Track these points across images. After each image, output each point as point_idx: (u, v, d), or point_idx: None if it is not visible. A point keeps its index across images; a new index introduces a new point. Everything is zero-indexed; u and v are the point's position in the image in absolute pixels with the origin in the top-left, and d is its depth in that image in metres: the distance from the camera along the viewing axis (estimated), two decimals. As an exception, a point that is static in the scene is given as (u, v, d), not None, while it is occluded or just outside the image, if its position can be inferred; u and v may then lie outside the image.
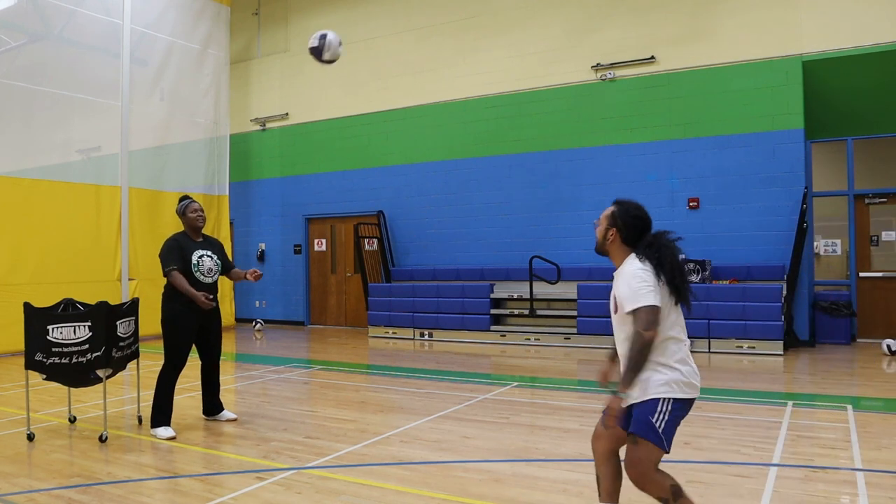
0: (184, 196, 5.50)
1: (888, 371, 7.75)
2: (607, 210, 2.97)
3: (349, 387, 7.23)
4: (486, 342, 10.64)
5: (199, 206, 5.36)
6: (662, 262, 2.77)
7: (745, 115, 9.92)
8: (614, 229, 2.90)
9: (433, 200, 12.36)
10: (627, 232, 2.88)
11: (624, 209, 2.91)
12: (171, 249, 5.14)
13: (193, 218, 5.29)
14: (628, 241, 2.89)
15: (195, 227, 5.31)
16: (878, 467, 4.04)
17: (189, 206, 5.31)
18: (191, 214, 5.29)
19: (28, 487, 3.91)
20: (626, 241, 2.89)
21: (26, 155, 10.37)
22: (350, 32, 13.32)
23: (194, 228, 5.31)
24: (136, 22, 11.61)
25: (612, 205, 2.98)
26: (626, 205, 2.93)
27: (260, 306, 14.44)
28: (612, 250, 2.94)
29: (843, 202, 10.23)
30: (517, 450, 4.60)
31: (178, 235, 5.29)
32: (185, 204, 5.34)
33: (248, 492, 3.80)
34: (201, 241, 5.35)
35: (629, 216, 2.89)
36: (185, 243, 5.23)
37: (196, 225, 5.30)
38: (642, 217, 2.91)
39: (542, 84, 11.32)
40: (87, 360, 4.78)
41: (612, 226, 2.91)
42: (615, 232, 2.90)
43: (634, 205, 2.94)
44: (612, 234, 2.91)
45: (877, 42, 9.18)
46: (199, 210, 5.33)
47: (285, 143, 14.21)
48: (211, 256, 5.30)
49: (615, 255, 2.94)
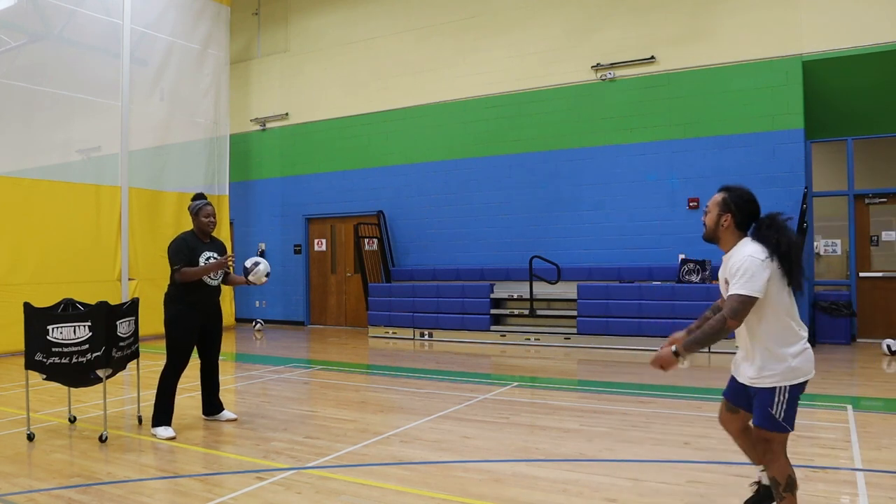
0: (199, 195, 5.44)
1: (888, 371, 7.75)
2: (717, 197, 3.01)
3: (349, 387, 7.23)
4: (486, 342, 10.64)
5: (212, 210, 5.31)
6: (780, 244, 2.81)
7: (745, 115, 9.91)
8: (729, 215, 2.94)
9: (433, 200, 12.35)
10: (742, 216, 2.93)
11: (737, 194, 2.95)
12: (180, 249, 5.14)
13: (205, 223, 5.26)
14: (741, 225, 2.95)
15: (205, 231, 5.30)
16: (878, 467, 4.04)
17: (203, 209, 5.25)
18: (203, 219, 5.26)
19: (28, 487, 3.91)
20: (739, 226, 2.95)
21: (26, 155, 10.37)
22: (350, 32, 13.34)
23: (203, 232, 5.30)
24: (136, 22, 11.61)
25: (719, 191, 3.02)
26: (738, 190, 2.97)
27: (260, 306, 14.44)
28: (725, 236, 2.98)
29: (843, 202, 10.23)
30: (517, 450, 4.60)
31: (187, 235, 5.27)
32: (198, 205, 5.28)
33: (248, 492, 3.80)
34: (208, 242, 5.34)
35: (743, 201, 2.94)
36: (194, 244, 5.21)
37: (206, 230, 5.29)
38: (754, 201, 2.96)
39: (542, 84, 11.32)
40: (87, 360, 4.78)
41: (725, 211, 2.95)
42: (730, 217, 2.94)
43: (745, 190, 2.97)
44: (726, 219, 2.95)
45: (877, 42, 9.17)
46: (211, 215, 5.28)
47: (285, 143, 14.21)
48: (217, 259, 5.30)
49: (726, 240, 2.98)
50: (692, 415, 5.54)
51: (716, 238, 3.02)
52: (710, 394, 6.42)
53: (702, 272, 9.67)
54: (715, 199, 3.02)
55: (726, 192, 2.99)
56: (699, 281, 9.64)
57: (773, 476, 2.93)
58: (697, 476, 3.95)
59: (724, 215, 2.96)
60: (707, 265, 9.70)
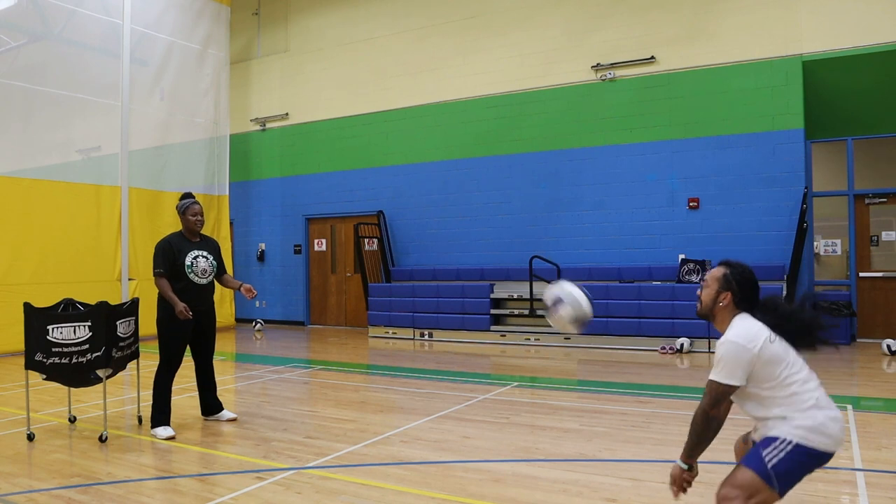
0: (186, 194, 5.44)
1: (888, 371, 7.75)
2: (716, 272, 2.82)
3: (349, 387, 7.23)
4: (486, 342, 10.64)
5: (199, 208, 5.30)
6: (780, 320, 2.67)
7: (745, 115, 9.92)
8: (729, 293, 2.75)
9: (433, 200, 12.36)
10: (742, 295, 2.75)
11: (739, 271, 2.77)
12: (161, 252, 5.11)
13: (192, 221, 5.25)
14: (740, 304, 2.75)
15: (192, 230, 5.28)
16: (878, 467, 4.04)
17: (189, 208, 5.25)
18: (190, 217, 5.25)
19: (28, 487, 3.91)
20: (738, 305, 2.76)
21: (26, 155, 10.37)
22: (350, 32, 13.34)
23: (191, 231, 5.28)
24: (136, 22, 11.61)
25: (720, 266, 2.85)
26: (739, 267, 2.79)
27: (260, 306, 14.44)
28: (721, 314, 2.78)
29: (843, 202, 10.23)
30: (517, 450, 4.60)
31: (173, 236, 5.25)
32: (185, 204, 5.27)
33: (247, 492, 3.80)
34: (198, 241, 5.31)
35: (744, 279, 2.76)
36: (179, 244, 5.18)
37: (194, 228, 5.27)
38: (755, 280, 2.78)
39: (542, 84, 11.32)
40: (88, 361, 4.78)
41: (726, 289, 2.76)
42: (729, 296, 2.75)
43: (745, 266, 2.81)
44: (725, 297, 2.76)
45: (877, 42, 9.17)
46: (198, 213, 5.27)
47: (285, 143, 14.21)
48: (206, 257, 5.26)
49: (722, 319, 2.78)
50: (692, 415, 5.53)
51: (711, 315, 2.82)
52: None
53: (702, 272, 9.68)
54: (714, 275, 2.82)
55: (727, 267, 2.81)
56: (699, 281, 9.61)
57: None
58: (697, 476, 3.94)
59: (724, 293, 2.76)
60: (707, 265, 9.71)
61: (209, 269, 5.26)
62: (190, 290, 5.14)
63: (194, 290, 5.17)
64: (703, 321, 9.14)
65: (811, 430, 2.52)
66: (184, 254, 5.15)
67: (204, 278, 5.23)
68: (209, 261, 5.27)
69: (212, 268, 5.29)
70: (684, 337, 9.27)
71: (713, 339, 9.15)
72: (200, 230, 5.35)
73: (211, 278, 5.32)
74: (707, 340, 9.21)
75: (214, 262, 5.32)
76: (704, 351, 9.18)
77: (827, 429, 2.53)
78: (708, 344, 9.19)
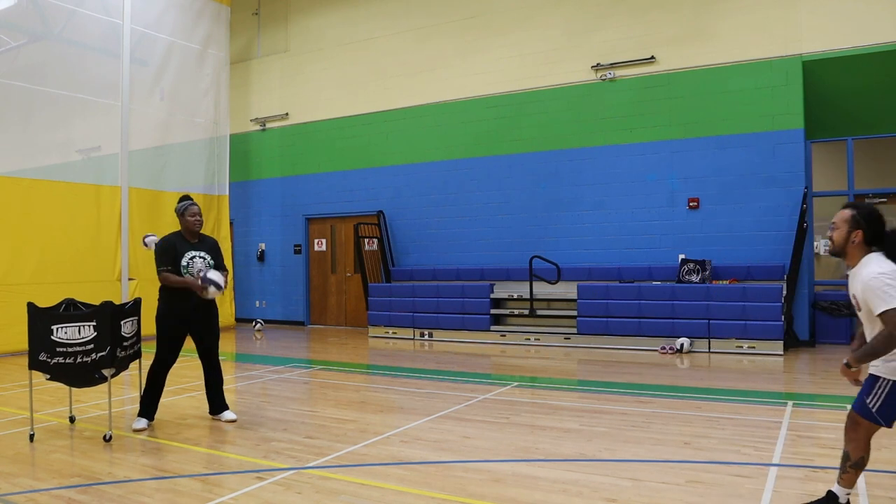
0: (185, 196, 5.51)
1: (888, 371, 7.74)
2: (844, 214, 3.14)
3: (349, 387, 7.23)
4: (486, 342, 10.64)
5: (198, 209, 5.37)
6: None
7: (745, 115, 9.91)
8: (860, 231, 3.08)
9: (433, 200, 12.36)
10: (871, 233, 3.07)
11: (867, 211, 3.10)
12: (164, 250, 5.23)
13: (191, 222, 5.33)
14: (871, 241, 3.08)
15: (191, 231, 5.34)
16: (878, 467, 4.04)
17: (188, 210, 5.32)
18: (189, 218, 5.32)
19: (28, 487, 3.91)
20: (868, 242, 3.08)
21: (26, 155, 10.37)
22: (350, 32, 13.34)
23: (190, 231, 5.34)
24: (136, 22, 11.61)
25: (846, 208, 3.16)
26: (866, 207, 3.12)
27: (260, 306, 14.44)
28: (853, 251, 3.12)
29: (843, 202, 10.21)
30: (517, 450, 4.60)
31: (172, 236, 5.34)
32: (184, 205, 5.35)
33: (248, 492, 3.80)
34: (196, 241, 5.38)
35: (873, 218, 3.08)
36: (178, 244, 5.27)
37: (192, 229, 5.34)
38: (882, 218, 3.10)
39: (542, 84, 11.32)
40: (92, 360, 4.78)
41: (856, 228, 3.09)
42: (860, 234, 3.08)
43: (872, 206, 3.14)
44: (856, 235, 3.09)
45: (877, 42, 9.17)
46: (197, 215, 5.34)
47: (285, 143, 14.21)
48: (203, 257, 5.32)
49: (854, 255, 3.12)
50: (692, 415, 5.54)
51: (844, 253, 3.16)
52: (711, 394, 6.43)
53: (702, 272, 9.67)
54: (843, 216, 3.15)
55: (854, 208, 3.13)
56: (699, 281, 9.63)
57: (848, 451, 3.16)
58: (697, 476, 3.95)
59: (855, 231, 3.09)
60: (707, 265, 9.70)
61: (205, 268, 5.30)
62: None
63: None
64: (703, 321, 9.20)
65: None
66: (181, 254, 5.23)
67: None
68: (206, 261, 5.33)
69: (208, 268, 5.33)
70: (684, 337, 9.26)
71: (713, 339, 9.17)
72: (199, 231, 5.41)
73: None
74: (707, 340, 9.21)
75: (212, 262, 5.37)
76: (704, 351, 9.18)
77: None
78: (708, 344, 9.19)
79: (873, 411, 3.04)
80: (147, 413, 5.29)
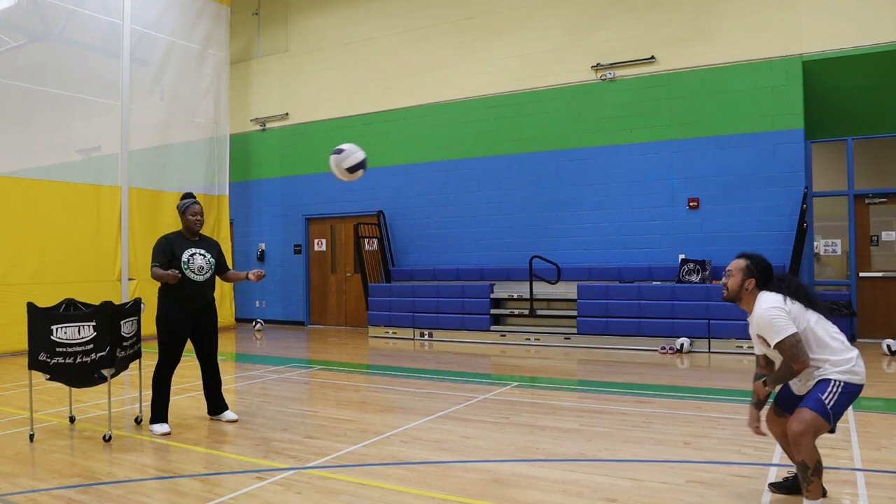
0: (187, 194, 5.50)
1: (888, 371, 7.75)
2: (739, 263, 3.43)
3: (349, 387, 7.23)
4: (486, 342, 10.64)
5: (199, 208, 5.35)
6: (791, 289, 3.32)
7: (745, 115, 9.91)
8: (752, 279, 3.39)
9: (433, 200, 12.36)
10: (763, 279, 3.39)
11: (758, 260, 3.41)
12: (160, 248, 5.20)
13: (192, 221, 5.31)
14: (762, 287, 3.39)
15: (191, 230, 5.33)
16: (878, 467, 4.04)
17: (190, 208, 5.31)
18: (190, 217, 5.31)
19: (28, 487, 3.91)
20: (760, 288, 3.39)
21: (26, 155, 10.36)
22: (350, 32, 13.34)
23: (191, 230, 5.33)
24: (136, 22, 11.61)
25: (739, 258, 3.46)
26: (758, 256, 3.43)
27: (260, 306, 14.44)
28: (746, 297, 3.41)
29: (843, 202, 10.23)
30: (517, 450, 4.60)
31: (172, 235, 5.32)
32: (185, 204, 5.33)
33: (248, 492, 3.80)
34: (197, 240, 5.36)
35: (763, 266, 3.40)
36: (177, 242, 5.25)
37: (193, 228, 5.32)
38: (770, 265, 3.43)
39: (542, 84, 11.32)
40: (92, 360, 4.78)
41: (749, 276, 3.39)
42: (753, 281, 3.39)
43: (762, 256, 3.45)
44: (749, 283, 3.39)
45: (877, 42, 9.17)
46: (198, 214, 5.33)
47: (285, 143, 14.21)
48: (203, 255, 5.29)
49: (748, 301, 3.40)
50: (692, 415, 5.54)
51: (738, 299, 3.44)
52: (710, 394, 6.43)
53: (702, 272, 9.68)
54: (738, 265, 3.42)
55: (746, 258, 3.42)
56: (699, 281, 9.64)
57: (803, 460, 3.18)
58: (697, 476, 3.95)
59: (749, 279, 3.38)
60: (707, 265, 9.71)
61: (206, 266, 5.29)
62: (187, 286, 5.18)
63: (191, 287, 5.21)
64: (703, 321, 9.20)
65: (853, 373, 3.19)
66: (181, 251, 5.21)
67: (201, 275, 5.26)
68: (206, 258, 5.30)
69: (209, 265, 5.32)
70: (684, 337, 9.27)
71: (713, 339, 9.17)
72: (200, 230, 5.39)
73: (209, 276, 5.33)
74: (707, 340, 9.21)
75: (212, 260, 5.36)
76: (704, 351, 9.18)
77: (861, 371, 3.23)
78: (708, 344, 9.20)
79: (829, 408, 3.15)
80: (164, 418, 5.20)
